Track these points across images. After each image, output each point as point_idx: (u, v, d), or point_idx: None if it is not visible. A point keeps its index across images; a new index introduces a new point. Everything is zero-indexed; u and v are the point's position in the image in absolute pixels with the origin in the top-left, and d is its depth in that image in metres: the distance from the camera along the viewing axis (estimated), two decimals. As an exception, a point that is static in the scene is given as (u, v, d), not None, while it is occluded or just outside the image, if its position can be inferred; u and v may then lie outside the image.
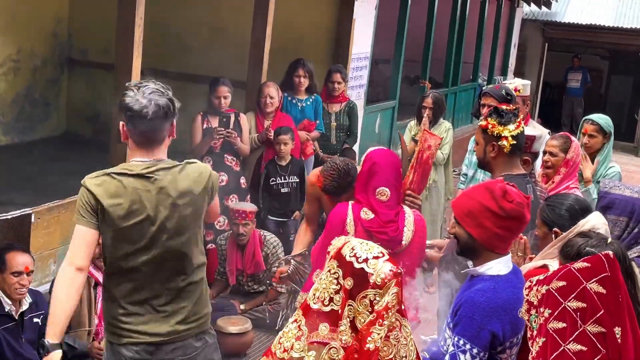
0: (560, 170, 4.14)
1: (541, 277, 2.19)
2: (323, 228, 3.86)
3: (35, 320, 3.93)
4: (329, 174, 3.89)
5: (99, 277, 4.25)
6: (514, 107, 3.65)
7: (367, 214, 3.59)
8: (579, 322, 2.08)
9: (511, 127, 3.49)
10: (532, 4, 14.42)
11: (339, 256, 2.16)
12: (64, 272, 2.81)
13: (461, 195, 2.80)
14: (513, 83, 5.73)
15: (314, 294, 2.17)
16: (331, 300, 2.13)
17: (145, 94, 2.86)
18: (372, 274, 2.10)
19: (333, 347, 2.11)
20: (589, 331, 2.08)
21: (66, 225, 4.62)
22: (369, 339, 2.05)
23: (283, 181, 5.91)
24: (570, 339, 2.08)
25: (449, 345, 2.59)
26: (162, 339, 2.94)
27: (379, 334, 2.06)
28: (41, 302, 4.00)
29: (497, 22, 12.90)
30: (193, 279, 3.00)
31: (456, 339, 2.53)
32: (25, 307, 3.88)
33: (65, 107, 7.94)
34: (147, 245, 2.89)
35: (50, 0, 7.49)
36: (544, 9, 14.98)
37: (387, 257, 2.15)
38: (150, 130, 2.88)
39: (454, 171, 6.91)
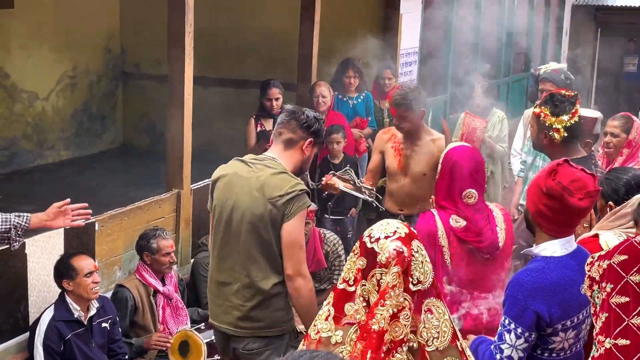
0: (622, 151, 4.04)
1: (602, 252, 2.14)
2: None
3: (103, 325, 4.02)
4: (398, 87, 4.19)
5: (158, 285, 4.34)
6: (572, 94, 3.56)
7: (458, 222, 3.35)
8: None
9: (565, 117, 3.39)
10: (582, -11, 14.10)
11: (360, 237, 2.21)
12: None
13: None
14: (549, 67, 5.63)
15: (342, 275, 2.21)
16: (355, 280, 2.16)
17: (302, 107, 3.37)
18: (379, 253, 2.12)
19: (357, 327, 2.13)
20: None
21: (129, 232, 4.71)
22: (373, 320, 2.05)
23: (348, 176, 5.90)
24: (634, 313, 2.04)
25: None
26: None
27: (382, 314, 2.04)
28: (109, 307, 4.09)
29: (547, 9, 12.65)
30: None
31: (503, 318, 2.53)
32: (93, 312, 3.98)
33: (122, 120, 8.14)
34: (219, 226, 3.29)
35: (102, 17, 7.68)
36: (594, -7, 14.63)
37: (397, 236, 2.13)
38: (282, 123, 3.26)
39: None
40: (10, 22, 6.60)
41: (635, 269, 2.05)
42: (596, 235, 2.89)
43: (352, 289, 2.16)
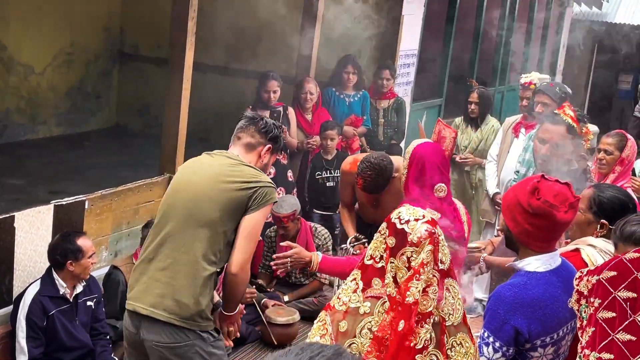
0: (615, 168, 4.07)
1: (592, 267, 2.17)
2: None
3: (88, 303, 4.03)
4: (366, 174, 3.84)
5: None
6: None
7: (433, 214, 3.41)
8: (629, 311, 2.06)
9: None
10: (582, 4, 14.18)
11: (388, 219, 2.40)
12: None
13: (510, 188, 2.79)
14: (529, 77, 5.68)
15: (369, 253, 2.40)
16: (381, 257, 2.36)
17: (261, 115, 3.38)
18: (410, 233, 2.32)
19: (385, 300, 2.32)
20: (638, 321, 2.06)
21: (118, 213, 4.71)
22: (408, 292, 2.24)
23: (329, 175, 5.93)
24: (620, 329, 2.06)
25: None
26: None
27: (416, 287, 2.25)
28: (94, 286, 4.10)
29: (547, 21, 12.71)
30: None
31: (482, 330, 2.53)
32: (79, 290, 3.98)
33: (116, 100, 8.09)
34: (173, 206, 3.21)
35: (104, -5, 7.65)
36: (594, 9, 14.71)
37: (426, 219, 2.36)
38: (241, 128, 3.26)
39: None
40: (12, -6, 6.56)
41: (623, 285, 2.08)
42: (577, 250, 2.89)
43: (379, 265, 2.36)
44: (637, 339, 2.04)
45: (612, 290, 2.10)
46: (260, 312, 4.84)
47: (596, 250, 2.89)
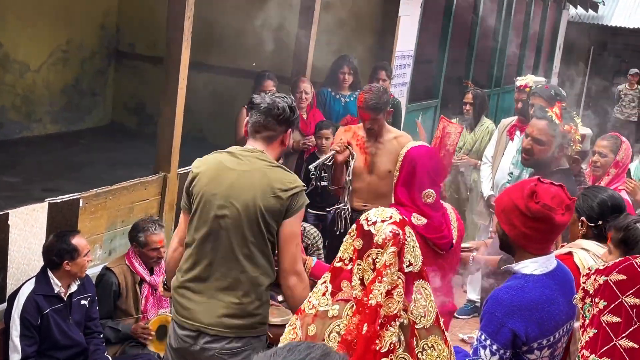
0: (609, 171, 4.08)
1: (601, 266, 2.16)
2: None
3: (82, 302, 4.02)
4: (369, 91, 4.15)
5: (145, 275, 4.33)
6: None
7: (419, 220, 3.48)
8: (635, 319, 2.05)
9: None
10: (578, 7, 14.21)
11: (357, 221, 2.39)
12: None
13: (503, 191, 2.79)
14: (525, 79, 5.69)
15: (339, 255, 2.39)
16: (350, 260, 2.36)
17: (271, 96, 3.13)
18: (375, 235, 2.30)
19: (353, 303, 2.31)
20: None
21: (112, 212, 4.70)
22: (371, 295, 2.23)
23: (323, 174, 5.92)
24: (623, 335, 2.05)
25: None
26: None
27: (379, 290, 2.23)
28: (89, 285, 4.09)
29: (543, 24, 12.72)
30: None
31: (479, 333, 2.53)
32: (73, 289, 3.97)
33: (112, 99, 8.08)
34: (204, 221, 3.05)
35: (100, -7, 7.64)
36: (590, 12, 14.74)
37: (393, 220, 2.33)
38: (259, 122, 3.07)
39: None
40: (9, -9, 6.54)
41: (631, 290, 2.06)
42: (570, 253, 2.90)
43: (348, 267, 2.34)
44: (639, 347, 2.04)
45: (619, 294, 2.09)
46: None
47: (589, 254, 2.90)
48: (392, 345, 2.19)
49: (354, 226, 2.38)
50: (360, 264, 2.31)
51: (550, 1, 12.59)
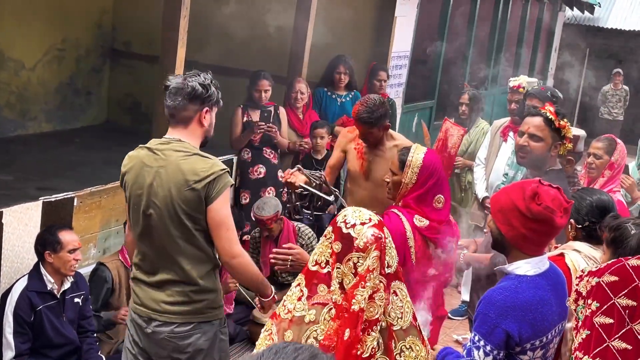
0: (604, 172, 4.09)
1: (593, 268, 2.16)
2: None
3: (76, 300, 4.01)
4: (365, 102, 4.03)
5: None
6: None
7: (422, 221, 3.48)
8: (627, 320, 2.05)
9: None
10: (574, 9, 14.23)
11: (333, 222, 2.31)
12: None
13: (500, 190, 2.79)
14: (518, 80, 5.71)
15: (314, 258, 2.31)
16: (327, 263, 2.28)
17: (185, 77, 3.04)
18: (356, 238, 2.23)
19: (331, 307, 2.25)
20: (636, 330, 2.05)
21: (107, 210, 4.70)
22: (354, 300, 2.17)
23: (319, 174, 5.92)
24: (616, 336, 2.06)
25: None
26: None
27: (362, 295, 2.18)
28: (82, 283, 4.08)
29: (539, 25, 12.74)
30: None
31: (472, 334, 2.53)
32: (67, 286, 3.96)
33: (107, 97, 8.06)
34: (137, 219, 3.08)
35: (96, -9, 7.62)
36: (586, 13, 14.76)
37: (373, 223, 2.26)
38: (172, 106, 3.03)
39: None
40: (4, -11, 6.52)
41: (623, 292, 2.06)
42: (562, 255, 2.90)
43: (324, 270, 2.27)
44: (632, 347, 2.04)
45: (612, 295, 2.09)
46: (254, 305, 4.84)
47: (581, 255, 2.90)
48: (372, 349, 2.16)
49: (330, 228, 2.32)
50: (339, 268, 2.25)
51: (546, 3, 12.61)
